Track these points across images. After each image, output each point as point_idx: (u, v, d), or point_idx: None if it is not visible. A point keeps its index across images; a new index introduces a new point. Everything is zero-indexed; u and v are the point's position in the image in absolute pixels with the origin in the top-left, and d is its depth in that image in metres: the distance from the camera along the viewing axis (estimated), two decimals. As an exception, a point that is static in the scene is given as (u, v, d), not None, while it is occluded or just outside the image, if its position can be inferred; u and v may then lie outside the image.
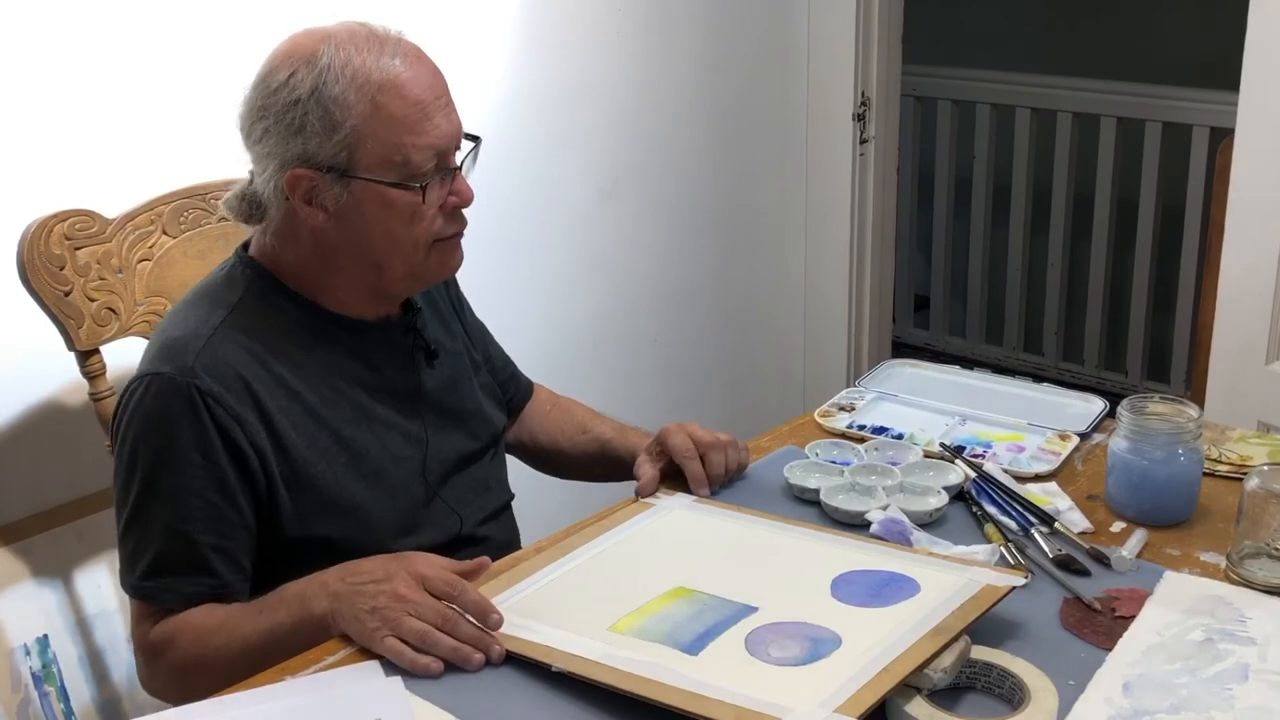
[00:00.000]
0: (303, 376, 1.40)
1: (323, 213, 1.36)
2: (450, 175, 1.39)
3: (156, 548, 1.34)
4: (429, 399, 1.51)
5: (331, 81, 1.31)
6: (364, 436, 1.43)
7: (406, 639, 1.20)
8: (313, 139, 1.33)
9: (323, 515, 1.39)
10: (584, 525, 1.47)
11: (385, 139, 1.33)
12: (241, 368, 1.35)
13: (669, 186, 2.79)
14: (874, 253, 3.13)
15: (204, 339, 1.35)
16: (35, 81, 1.75)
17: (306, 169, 1.34)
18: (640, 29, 2.63)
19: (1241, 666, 1.18)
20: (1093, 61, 4.00)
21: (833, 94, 3.00)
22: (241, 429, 1.33)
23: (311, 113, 1.32)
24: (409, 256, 1.40)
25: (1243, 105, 2.14)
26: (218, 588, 1.35)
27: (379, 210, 1.36)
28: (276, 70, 1.35)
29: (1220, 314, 2.23)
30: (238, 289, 1.41)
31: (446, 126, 1.37)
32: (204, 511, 1.33)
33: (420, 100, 1.34)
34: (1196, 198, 3.68)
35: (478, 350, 1.67)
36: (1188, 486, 1.48)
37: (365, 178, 1.34)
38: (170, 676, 1.36)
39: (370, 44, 1.34)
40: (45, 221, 1.59)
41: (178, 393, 1.32)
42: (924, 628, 1.17)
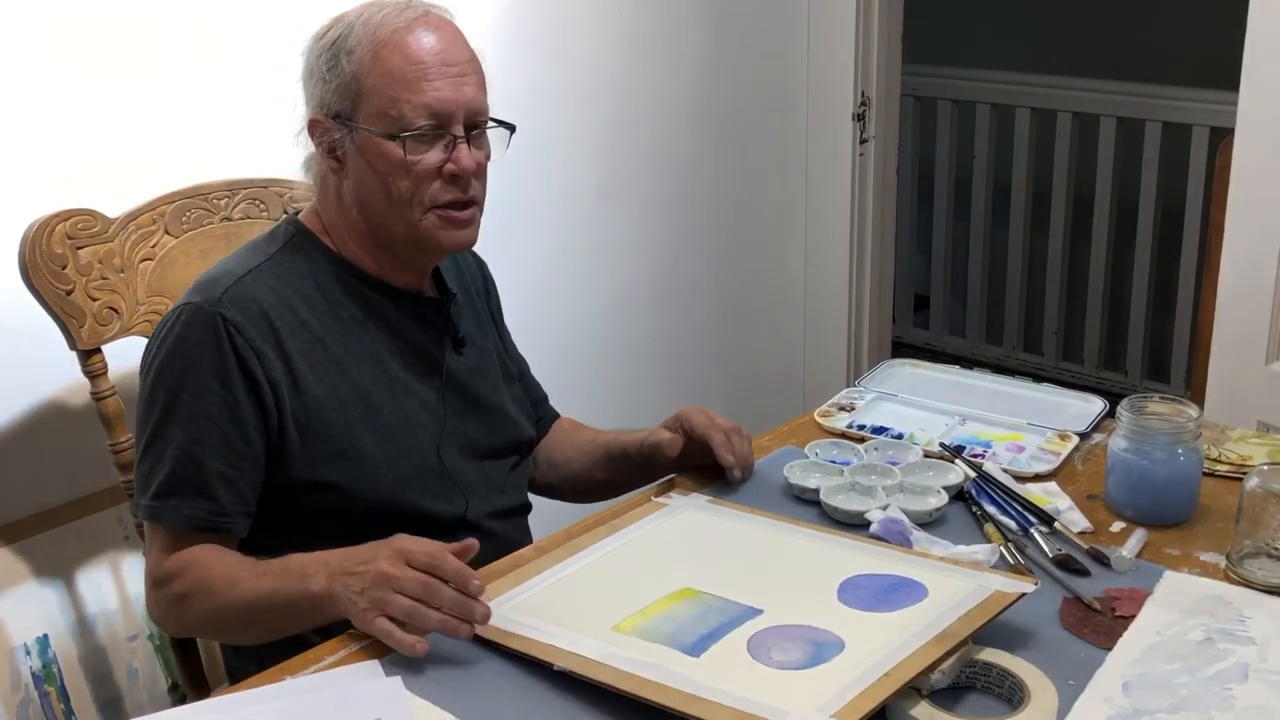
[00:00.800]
0: (328, 325, 1.45)
1: (334, 160, 1.45)
2: (453, 143, 1.42)
3: (167, 469, 1.39)
4: (452, 379, 1.54)
5: (348, 34, 1.41)
6: (381, 393, 1.47)
7: (395, 616, 1.21)
8: (322, 84, 1.43)
9: (331, 460, 1.42)
10: (593, 525, 1.47)
11: (382, 90, 1.39)
12: (268, 306, 1.41)
13: (668, 186, 2.79)
14: (874, 253, 3.13)
15: (236, 277, 1.42)
16: (37, 81, 1.76)
17: (321, 114, 1.44)
18: (640, 29, 2.64)
19: (1241, 666, 1.18)
20: (1093, 61, 4.00)
21: (833, 94, 3.00)
22: (259, 361, 1.38)
23: (325, 61, 1.42)
24: (404, 214, 1.43)
25: (1243, 105, 2.14)
26: (217, 514, 1.38)
27: (375, 161, 1.42)
28: (324, 27, 1.45)
29: (1220, 314, 2.23)
30: (277, 242, 1.49)
31: (449, 92, 1.40)
32: (215, 436, 1.38)
33: (422, 60, 1.39)
34: (1196, 198, 3.68)
35: (514, 363, 1.71)
36: (1188, 486, 1.48)
37: (362, 127, 1.41)
38: (169, 605, 1.41)
39: (399, 9, 1.42)
40: (47, 221, 1.59)
41: (203, 320, 1.39)
42: (929, 633, 1.17)
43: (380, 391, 1.47)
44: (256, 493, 1.42)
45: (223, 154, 1.90)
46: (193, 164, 1.82)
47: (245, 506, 1.41)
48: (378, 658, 1.22)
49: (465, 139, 1.43)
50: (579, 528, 1.47)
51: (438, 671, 1.20)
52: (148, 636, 1.94)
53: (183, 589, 1.38)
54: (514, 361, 1.73)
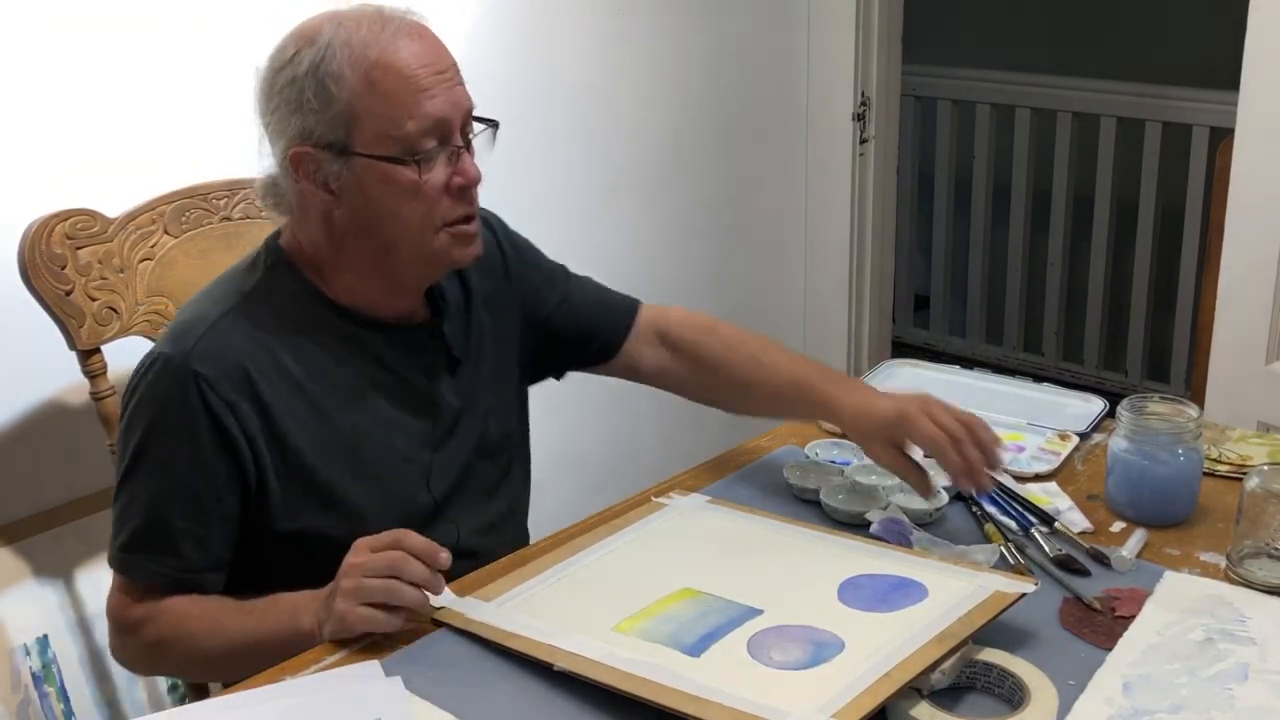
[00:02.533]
0: (310, 368, 1.38)
1: (326, 192, 1.35)
2: (455, 154, 1.36)
3: (135, 523, 1.35)
4: (445, 407, 1.48)
5: (330, 58, 1.31)
6: (368, 436, 1.41)
7: (373, 601, 1.22)
8: (310, 115, 1.32)
9: (315, 509, 1.38)
10: (594, 524, 1.47)
11: (381, 113, 1.32)
12: (243, 354, 1.35)
13: (668, 187, 2.79)
14: (874, 253, 3.13)
15: (210, 322, 1.36)
16: (37, 81, 1.76)
17: (307, 146, 1.33)
18: (641, 29, 2.64)
19: (1241, 666, 1.18)
20: (1093, 61, 4.00)
21: (833, 94, 3.00)
22: (234, 414, 1.33)
23: (308, 89, 1.32)
24: (416, 239, 1.37)
25: (1243, 105, 2.14)
26: (184, 570, 1.35)
27: (380, 188, 1.34)
28: (284, 49, 1.36)
29: (1220, 314, 2.24)
30: (255, 275, 1.41)
31: (445, 100, 1.34)
32: (183, 494, 1.34)
33: (414, 75, 1.32)
34: (1196, 198, 3.68)
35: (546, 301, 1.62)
36: (1188, 486, 1.48)
37: (363, 154, 1.33)
38: (142, 652, 1.39)
39: (372, 22, 1.34)
40: (47, 221, 1.59)
41: (174, 374, 1.33)
42: (929, 634, 1.17)
43: (366, 435, 1.41)
44: (229, 547, 1.38)
45: (222, 154, 1.90)
46: (192, 164, 1.82)
47: (214, 562, 1.37)
48: (378, 658, 1.22)
49: (467, 147, 1.38)
50: (579, 528, 1.47)
51: (438, 671, 1.20)
52: (147, 636, 1.94)
53: (155, 636, 1.36)
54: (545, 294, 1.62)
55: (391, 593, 1.22)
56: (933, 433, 1.41)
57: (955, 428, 1.40)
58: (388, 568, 1.23)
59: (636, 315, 1.66)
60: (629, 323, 1.65)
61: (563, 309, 1.63)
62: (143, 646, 1.38)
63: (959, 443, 1.40)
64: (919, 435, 1.42)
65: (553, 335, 1.63)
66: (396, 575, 1.23)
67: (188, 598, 1.36)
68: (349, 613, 1.23)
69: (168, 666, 1.41)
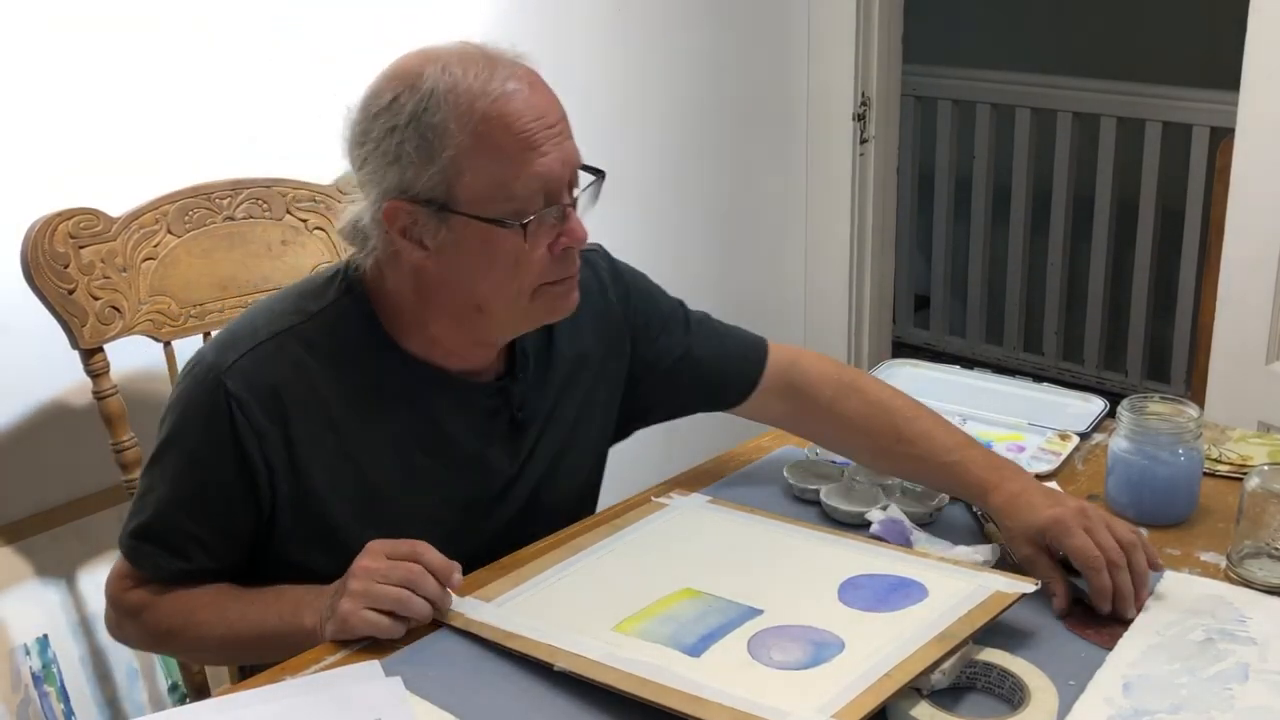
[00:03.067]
0: (351, 409, 1.32)
1: (420, 249, 1.26)
2: (561, 214, 1.28)
3: (147, 516, 1.34)
4: (494, 471, 1.41)
5: (434, 108, 1.21)
6: (394, 487, 1.35)
7: (382, 608, 1.22)
8: (409, 169, 1.23)
9: (323, 548, 1.33)
10: (594, 524, 1.47)
11: (487, 172, 1.22)
12: (281, 382, 1.29)
13: (668, 186, 2.79)
14: (874, 253, 3.13)
15: (260, 341, 1.30)
16: (40, 80, 1.76)
17: (404, 201, 1.24)
18: (640, 29, 2.64)
19: (1242, 666, 1.18)
20: (1093, 61, 4.00)
21: (833, 94, 3.00)
22: (258, 441, 1.29)
23: (408, 141, 1.22)
24: (511, 302, 1.29)
25: (1243, 105, 2.14)
26: (190, 572, 1.35)
27: (480, 249, 1.25)
28: (380, 93, 1.25)
29: (1220, 314, 2.24)
30: (325, 299, 1.34)
31: (557, 158, 1.25)
32: (197, 502, 1.32)
33: (526, 130, 1.22)
34: (1196, 198, 3.68)
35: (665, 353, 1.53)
36: (1188, 486, 1.48)
37: (465, 213, 1.24)
38: (142, 634, 1.38)
39: (480, 68, 1.23)
40: (50, 220, 1.59)
41: (208, 386, 1.29)
42: (929, 633, 1.17)
43: (393, 485, 1.34)
44: (238, 553, 1.35)
45: (225, 153, 1.90)
46: (195, 163, 1.82)
47: (220, 564, 1.35)
48: (378, 658, 1.22)
49: (574, 204, 1.29)
50: (579, 528, 1.47)
51: (438, 671, 1.20)
52: (148, 636, 1.94)
53: (156, 620, 1.35)
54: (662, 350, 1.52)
55: (402, 603, 1.22)
56: (1087, 549, 1.28)
57: (1113, 550, 1.28)
58: (403, 579, 1.22)
59: (765, 365, 1.55)
60: (758, 375, 1.54)
61: (685, 362, 1.53)
62: (147, 632, 1.37)
63: (1114, 567, 1.27)
64: (1072, 548, 1.29)
65: (672, 387, 1.54)
66: (410, 587, 1.22)
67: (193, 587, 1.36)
68: (353, 614, 1.22)
69: (170, 651, 1.41)
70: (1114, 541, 1.28)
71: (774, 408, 1.56)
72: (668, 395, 1.56)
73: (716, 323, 1.59)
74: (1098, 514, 1.32)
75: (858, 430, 1.51)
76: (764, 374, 1.54)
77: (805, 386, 1.54)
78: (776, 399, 1.55)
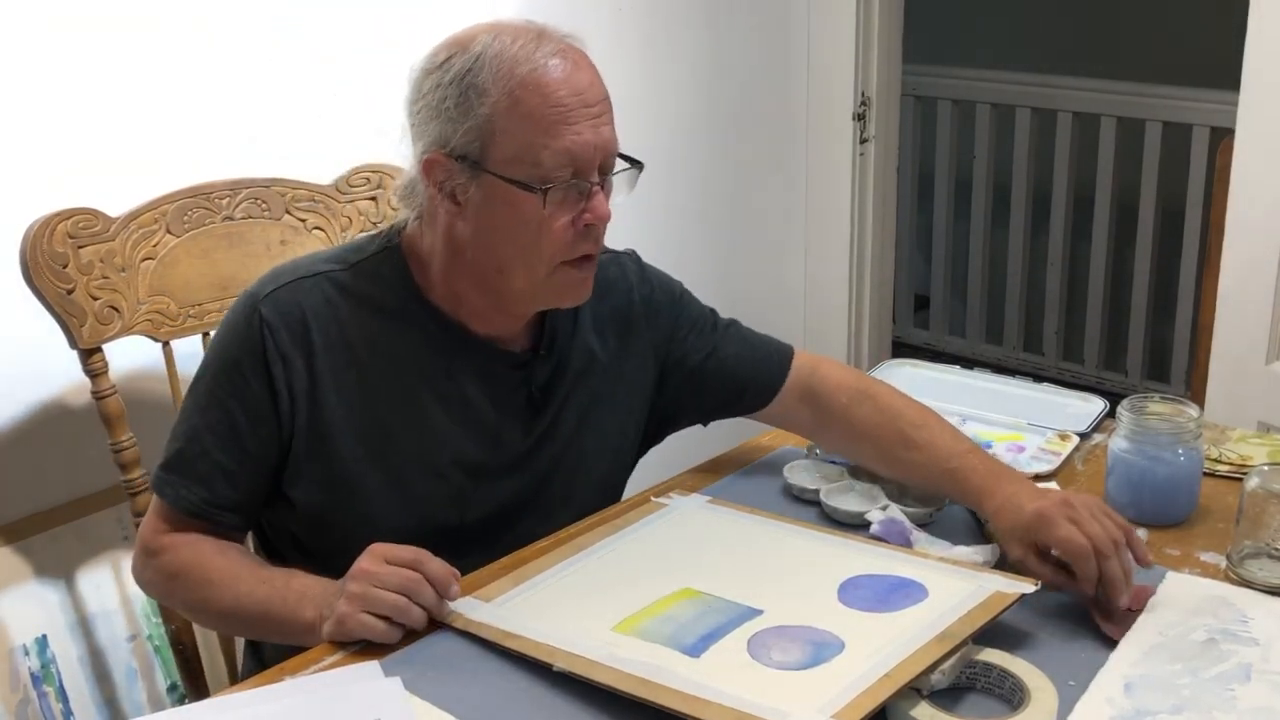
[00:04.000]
0: (376, 353, 1.37)
1: (453, 202, 1.33)
2: (587, 190, 1.31)
3: (179, 444, 1.38)
4: (507, 444, 1.43)
5: (478, 69, 1.28)
6: (406, 437, 1.38)
7: (379, 612, 1.22)
8: (448, 123, 1.30)
9: (326, 487, 1.37)
10: (594, 524, 1.47)
11: (518, 135, 1.28)
12: (313, 314, 1.36)
13: (668, 186, 2.78)
14: (874, 253, 3.13)
15: (298, 276, 1.38)
16: (39, 80, 1.76)
17: (441, 154, 1.31)
18: (641, 29, 2.64)
19: (1244, 667, 1.18)
20: (1093, 61, 4.00)
21: (833, 94, 3.00)
22: (284, 367, 1.34)
23: (450, 96, 1.29)
24: (530, 269, 1.33)
25: (1243, 105, 2.14)
26: (210, 504, 1.37)
27: (505, 210, 1.31)
28: (437, 54, 1.33)
29: (1220, 314, 2.24)
30: (365, 253, 1.41)
31: (590, 137, 1.29)
32: (225, 427, 1.36)
33: (563, 103, 1.28)
34: (1196, 198, 3.69)
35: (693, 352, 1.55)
36: (1188, 486, 1.48)
37: (493, 172, 1.29)
38: (157, 576, 1.40)
39: (530, 39, 1.30)
40: (49, 220, 1.59)
41: (245, 311, 1.36)
42: (929, 634, 1.17)
43: (404, 432, 1.38)
44: (259, 493, 1.39)
45: (225, 153, 1.90)
46: (195, 163, 1.82)
47: (240, 504, 1.38)
48: (378, 658, 1.22)
49: (601, 185, 1.33)
50: (579, 528, 1.47)
51: (438, 671, 1.20)
52: (147, 636, 1.94)
53: (175, 567, 1.37)
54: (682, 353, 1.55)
55: (398, 610, 1.22)
56: (1072, 538, 1.26)
57: (1100, 538, 1.26)
58: (400, 586, 1.23)
59: (789, 370, 1.57)
60: (781, 379, 1.57)
61: (711, 362, 1.56)
62: (161, 572, 1.39)
63: (1102, 556, 1.25)
64: (1057, 539, 1.28)
65: (698, 387, 1.56)
66: (407, 595, 1.23)
67: (216, 544, 1.37)
68: (349, 617, 1.23)
69: (176, 601, 1.42)
70: (1100, 529, 1.27)
71: (794, 413, 1.58)
72: (694, 396, 1.57)
73: (745, 329, 1.62)
74: (1084, 503, 1.31)
75: (868, 437, 1.53)
76: (787, 379, 1.57)
77: (824, 393, 1.55)
78: (798, 404, 1.57)
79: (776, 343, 1.61)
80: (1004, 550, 1.36)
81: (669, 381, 1.56)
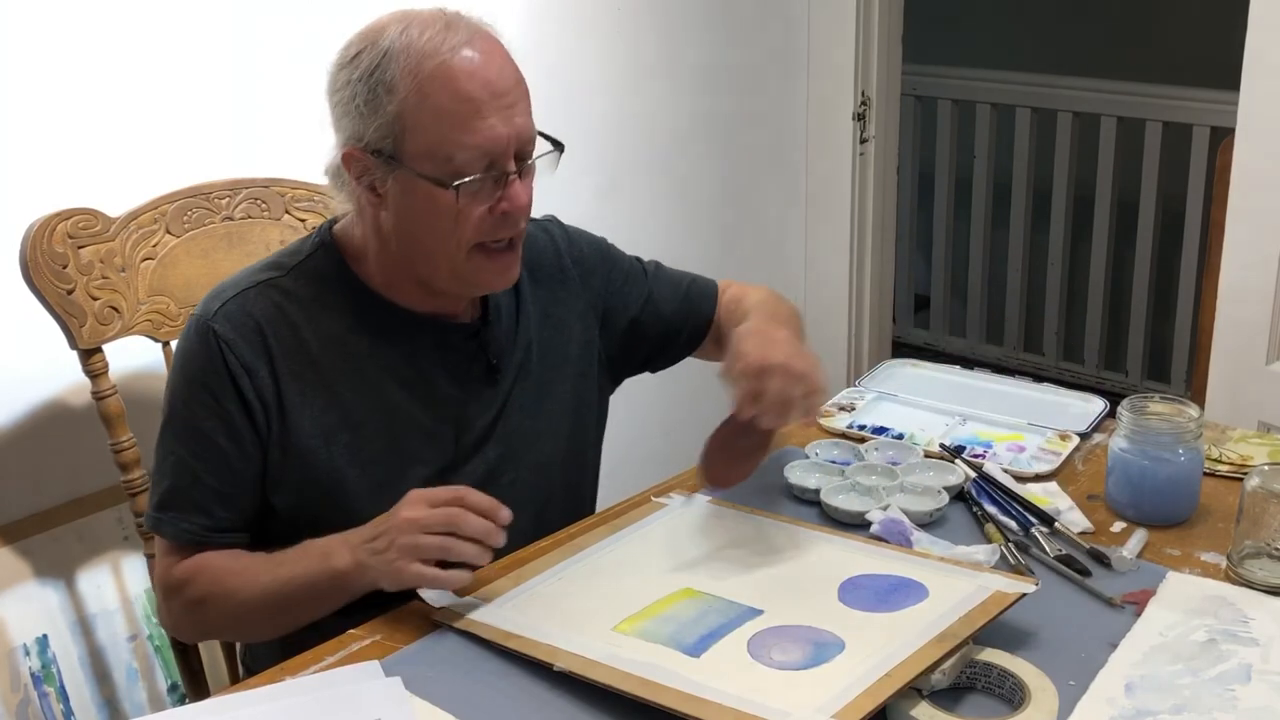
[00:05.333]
0: (330, 350, 1.38)
1: (373, 194, 1.34)
2: (503, 179, 1.32)
3: (169, 480, 1.38)
4: (471, 416, 1.45)
5: (385, 65, 1.28)
6: (375, 424, 1.39)
7: (428, 557, 1.23)
8: (360, 120, 1.30)
9: (308, 490, 1.38)
10: (594, 524, 1.47)
11: (429, 131, 1.28)
12: (266, 321, 1.37)
13: (668, 186, 2.79)
14: (874, 253, 3.13)
15: (240, 289, 1.38)
16: (39, 80, 1.76)
17: (357, 149, 1.32)
18: (641, 28, 2.63)
19: (1244, 667, 1.18)
20: (1093, 61, 4.00)
21: (833, 94, 3.00)
22: (250, 379, 1.35)
23: (360, 94, 1.30)
24: (451, 255, 1.35)
25: (1243, 105, 2.14)
26: (213, 530, 1.38)
27: (421, 203, 1.32)
28: (349, 47, 1.33)
29: (1220, 314, 2.24)
30: (300, 255, 1.43)
31: (503, 129, 1.30)
32: (212, 452, 1.36)
33: (473, 97, 1.28)
34: (1196, 198, 3.69)
35: (631, 300, 1.60)
36: (1188, 486, 1.48)
37: (408, 167, 1.30)
38: (185, 611, 1.40)
39: (439, 31, 1.29)
40: (48, 220, 1.59)
41: (199, 334, 1.37)
42: (929, 633, 1.17)
43: (373, 422, 1.39)
44: (253, 507, 1.40)
45: (224, 153, 1.90)
46: (194, 163, 1.82)
47: (243, 521, 1.39)
48: (378, 658, 1.22)
49: (518, 173, 1.33)
50: (579, 528, 1.47)
51: (438, 671, 1.20)
52: (147, 636, 1.94)
53: (197, 594, 1.37)
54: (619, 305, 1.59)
55: (447, 550, 1.23)
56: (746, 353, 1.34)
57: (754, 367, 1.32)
58: (444, 523, 1.24)
59: (718, 300, 1.65)
60: (712, 310, 1.65)
61: (649, 307, 1.62)
62: (186, 607, 1.39)
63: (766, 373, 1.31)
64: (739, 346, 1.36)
65: (640, 333, 1.62)
66: (454, 531, 1.24)
67: (224, 555, 1.38)
68: (405, 569, 1.24)
69: (209, 625, 1.42)
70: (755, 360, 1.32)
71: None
72: (638, 343, 1.63)
73: (671, 270, 1.69)
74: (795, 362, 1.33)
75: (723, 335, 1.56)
76: (718, 305, 1.65)
77: (726, 317, 1.62)
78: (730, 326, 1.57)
79: (701, 279, 1.69)
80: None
81: (611, 332, 1.60)
